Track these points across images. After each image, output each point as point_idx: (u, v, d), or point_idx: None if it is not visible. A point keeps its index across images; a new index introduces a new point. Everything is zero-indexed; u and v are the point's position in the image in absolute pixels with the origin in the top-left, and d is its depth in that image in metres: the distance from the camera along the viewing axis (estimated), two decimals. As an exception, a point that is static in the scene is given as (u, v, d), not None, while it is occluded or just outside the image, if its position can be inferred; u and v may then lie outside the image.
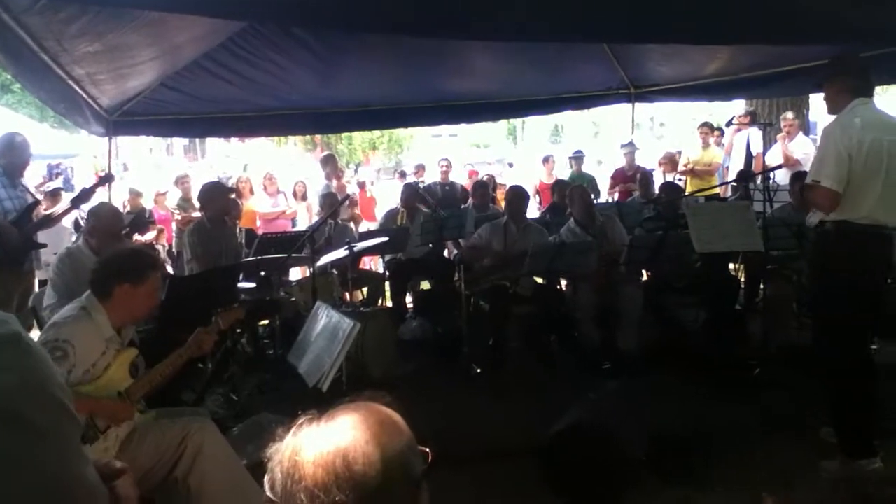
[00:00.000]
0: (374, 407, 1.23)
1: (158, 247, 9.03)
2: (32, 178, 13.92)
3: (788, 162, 8.02)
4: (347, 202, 8.45)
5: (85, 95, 6.17)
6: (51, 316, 3.54)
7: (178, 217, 9.05)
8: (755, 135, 9.00)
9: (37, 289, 5.24)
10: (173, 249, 8.94)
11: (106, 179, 5.37)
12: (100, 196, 7.24)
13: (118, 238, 4.37)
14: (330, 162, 9.36)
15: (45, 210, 5.45)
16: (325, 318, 3.69)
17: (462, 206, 8.47)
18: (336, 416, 1.19)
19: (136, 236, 8.43)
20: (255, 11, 4.01)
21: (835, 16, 4.17)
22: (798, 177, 6.31)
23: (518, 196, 6.42)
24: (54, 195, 8.39)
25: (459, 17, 3.82)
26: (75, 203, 5.14)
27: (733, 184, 8.02)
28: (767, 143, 7.56)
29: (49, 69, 5.10)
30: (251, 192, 9.82)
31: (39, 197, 6.17)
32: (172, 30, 5.57)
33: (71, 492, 0.82)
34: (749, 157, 9.11)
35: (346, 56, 7.20)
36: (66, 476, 0.81)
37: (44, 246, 5.15)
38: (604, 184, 10.44)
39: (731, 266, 6.51)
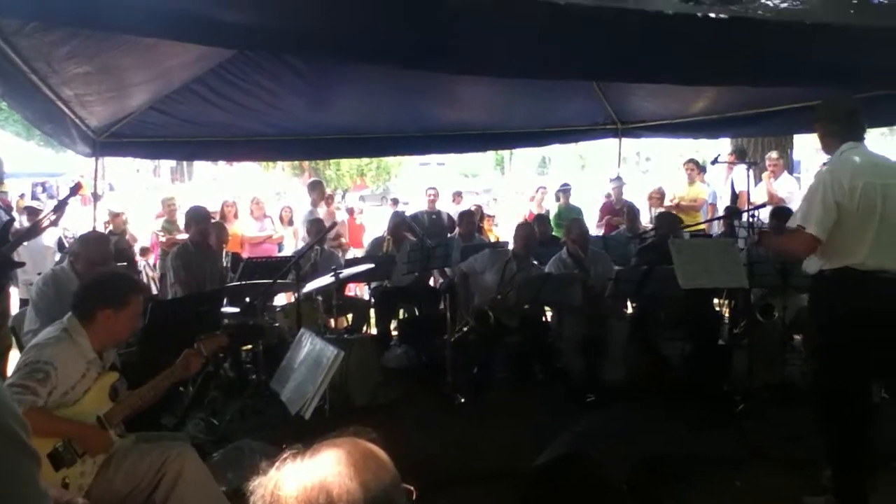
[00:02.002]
0: (359, 443, 1.21)
1: (142, 267, 9.01)
2: (15, 194, 13.89)
3: (773, 200, 8.10)
4: (335, 229, 8.45)
5: (73, 116, 6.16)
6: (32, 339, 3.51)
7: (164, 239, 9.01)
8: (739, 172, 9.09)
9: (16, 308, 5.17)
10: (157, 271, 8.90)
11: (75, 189, 5.28)
12: (84, 214, 7.18)
13: (104, 265, 4.34)
14: (317, 188, 9.37)
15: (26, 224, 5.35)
16: (308, 345, 3.67)
17: (448, 236, 8.48)
18: (320, 450, 1.17)
19: None
20: (248, 40, 4.04)
21: (817, 58, 4.23)
22: (776, 213, 6.38)
23: (527, 233, 6.33)
24: (32, 213, 8.35)
25: (452, 51, 3.86)
26: (54, 212, 5.02)
27: (720, 220, 8.10)
28: (753, 181, 7.65)
29: (37, 90, 5.09)
30: (236, 215, 9.79)
31: (16, 215, 6.08)
32: (163, 54, 5.60)
33: None
34: (733, 194, 9.19)
35: (337, 83, 7.26)
36: None
37: (22, 265, 5.07)
38: (589, 216, 10.51)
39: (716, 301, 6.56)
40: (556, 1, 3.88)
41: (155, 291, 7.76)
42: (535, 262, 6.32)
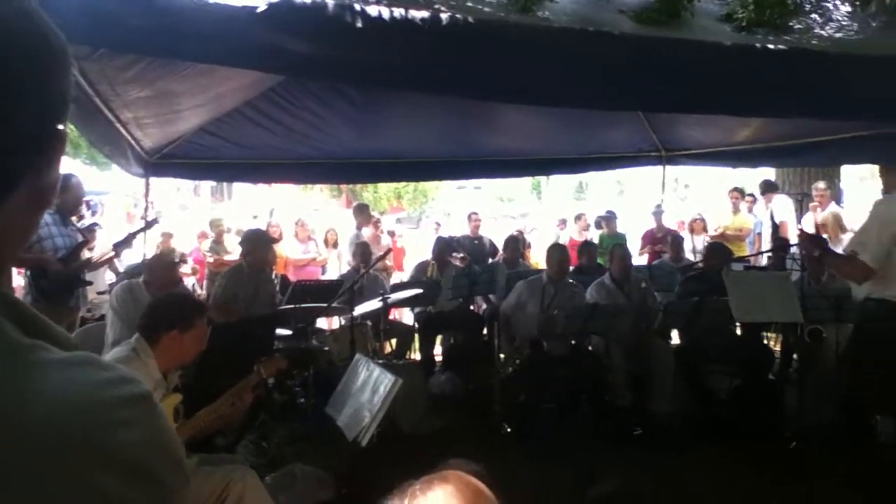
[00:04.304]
0: (466, 479, 1.27)
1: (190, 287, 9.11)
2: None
3: (820, 232, 8.00)
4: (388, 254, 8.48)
5: (130, 138, 6.30)
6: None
7: (211, 260, 9.12)
8: (779, 203, 9.08)
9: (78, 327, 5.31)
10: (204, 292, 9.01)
11: (150, 224, 5.51)
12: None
13: (171, 289, 4.48)
14: (363, 212, 9.45)
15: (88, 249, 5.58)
16: (364, 371, 3.68)
17: (490, 262, 8.47)
18: (432, 487, 1.22)
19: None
20: (310, 70, 4.11)
21: (873, 90, 4.19)
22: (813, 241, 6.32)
23: (561, 256, 6.31)
24: (90, 231, 8.51)
25: (508, 82, 3.89)
26: (117, 248, 5.28)
27: (768, 253, 8.01)
28: (800, 212, 7.58)
29: (100, 112, 5.23)
30: (280, 237, 9.89)
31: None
32: (220, 79, 5.71)
33: None
34: (774, 225, 9.12)
35: (380, 109, 7.34)
36: None
37: (90, 283, 5.27)
38: (629, 244, 10.44)
39: (765, 334, 6.45)
40: (611, 31, 3.93)
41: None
42: (574, 284, 6.31)
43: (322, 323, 7.68)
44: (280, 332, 5.66)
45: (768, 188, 9.37)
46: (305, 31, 3.43)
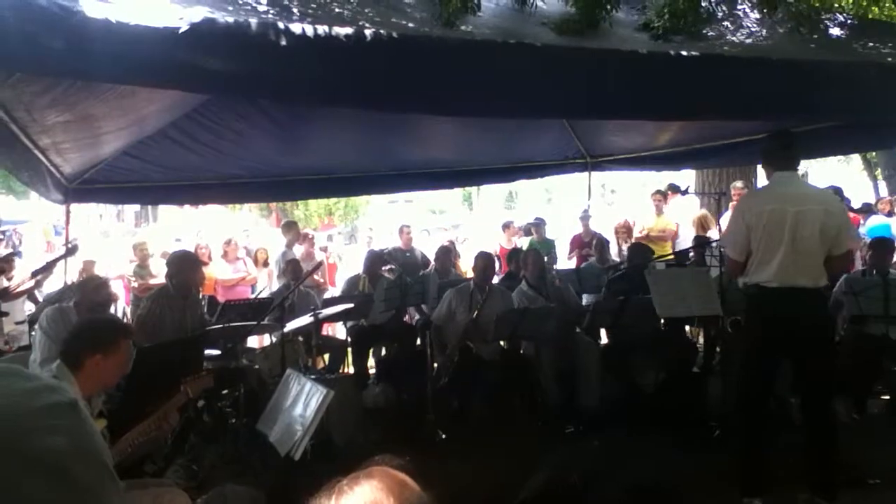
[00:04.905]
0: (391, 472, 1.31)
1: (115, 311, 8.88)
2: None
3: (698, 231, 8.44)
4: (318, 270, 8.43)
5: (48, 164, 6.11)
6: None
7: (135, 285, 8.91)
8: (675, 204, 9.60)
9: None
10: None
11: (70, 252, 5.36)
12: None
13: (104, 309, 4.41)
14: (292, 229, 9.39)
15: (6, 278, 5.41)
16: (296, 385, 3.68)
17: (421, 273, 8.51)
18: (358, 482, 1.25)
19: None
20: (231, 87, 4.08)
21: (768, 94, 4.41)
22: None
23: (486, 263, 6.41)
24: (7, 261, 8.24)
25: (429, 95, 3.95)
26: (36, 276, 5.13)
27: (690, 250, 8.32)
28: (718, 210, 7.89)
29: (16, 139, 5.07)
30: (209, 258, 9.74)
31: None
32: (142, 101, 5.61)
33: None
34: None
35: (307, 124, 7.31)
36: None
37: (5, 314, 5.09)
38: (558, 250, 10.63)
39: (688, 328, 6.67)
40: (533, 43, 4.04)
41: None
42: (501, 288, 6.45)
43: (253, 341, 7.58)
44: (209, 352, 5.57)
45: (670, 189, 9.91)
46: (229, 51, 3.40)
